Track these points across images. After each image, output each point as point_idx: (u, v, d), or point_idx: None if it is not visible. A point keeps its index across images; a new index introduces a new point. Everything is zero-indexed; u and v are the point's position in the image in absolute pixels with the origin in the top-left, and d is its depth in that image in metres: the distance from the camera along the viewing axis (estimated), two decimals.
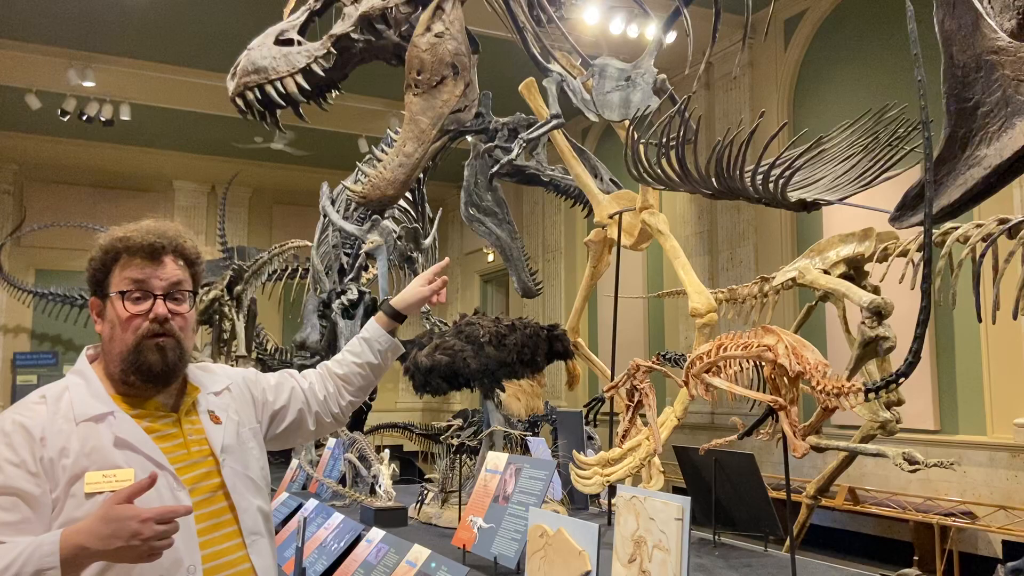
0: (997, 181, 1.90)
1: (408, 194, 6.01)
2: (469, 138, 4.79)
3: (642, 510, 2.16)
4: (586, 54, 3.79)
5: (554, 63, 3.72)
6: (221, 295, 7.64)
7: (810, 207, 2.80)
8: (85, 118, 11.81)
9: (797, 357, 2.31)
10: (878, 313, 3.34)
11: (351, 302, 5.92)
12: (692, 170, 2.83)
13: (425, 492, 4.02)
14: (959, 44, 1.90)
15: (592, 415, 5.35)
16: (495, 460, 3.15)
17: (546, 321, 4.11)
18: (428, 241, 5.71)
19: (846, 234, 3.95)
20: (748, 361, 2.54)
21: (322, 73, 3.56)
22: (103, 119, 11.92)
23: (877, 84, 8.00)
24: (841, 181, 2.80)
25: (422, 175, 5.31)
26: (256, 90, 3.51)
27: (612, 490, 3.41)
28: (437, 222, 5.90)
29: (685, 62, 3.61)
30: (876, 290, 3.74)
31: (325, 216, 6.07)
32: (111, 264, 1.73)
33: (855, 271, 3.88)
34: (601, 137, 11.93)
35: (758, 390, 2.61)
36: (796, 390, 2.38)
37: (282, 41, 3.60)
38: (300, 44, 3.60)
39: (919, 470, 3.50)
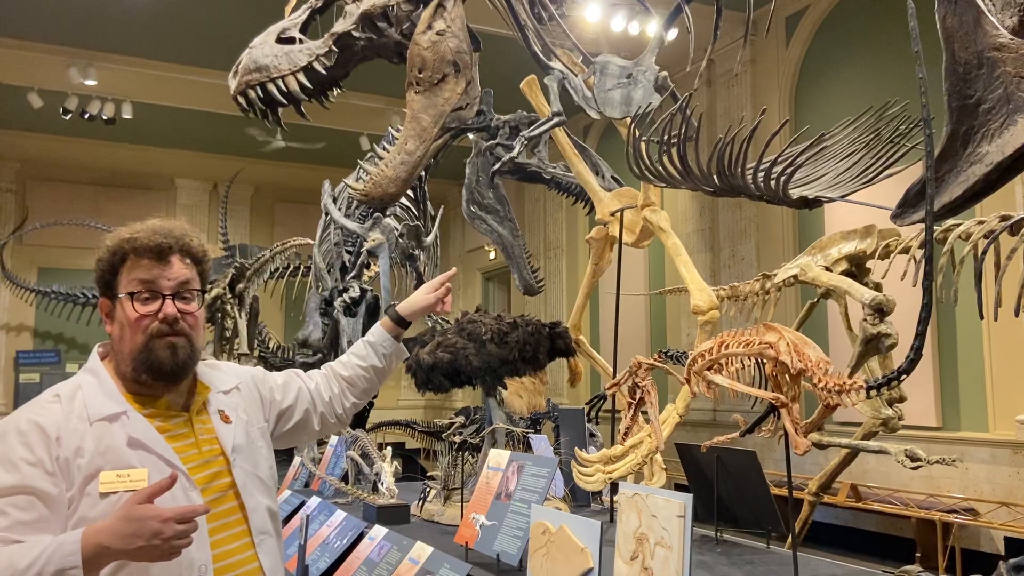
0: (999, 178, 1.90)
1: (410, 192, 6.01)
2: (471, 136, 4.79)
3: (644, 507, 2.16)
4: (587, 51, 3.79)
5: (555, 61, 3.71)
6: (223, 293, 7.66)
7: (812, 204, 2.80)
8: (87, 116, 11.81)
9: (799, 354, 2.31)
10: (880, 310, 3.34)
11: (353, 300, 5.93)
12: (694, 167, 2.83)
13: (427, 489, 4.03)
14: (961, 41, 1.90)
15: (594, 412, 5.36)
16: (497, 457, 3.15)
17: (548, 318, 4.12)
18: (430, 239, 5.72)
19: (848, 231, 3.95)
20: (750, 358, 2.54)
21: (324, 71, 3.56)
22: (105, 117, 11.93)
23: (878, 81, 7.99)
24: (843, 178, 2.80)
25: (424, 173, 5.32)
26: (258, 88, 3.51)
27: (614, 487, 3.41)
28: (439, 220, 5.90)
29: (686, 59, 3.61)
30: (878, 287, 3.73)
31: (327, 214, 6.07)
32: (119, 265, 1.74)
33: (857, 268, 3.87)
34: (602, 134, 11.93)
35: (760, 387, 2.61)
36: (798, 387, 2.38)
37: (284, 39, 3.60)
38: (302, 42, 3.60)
39: (921, 467, 3.50)
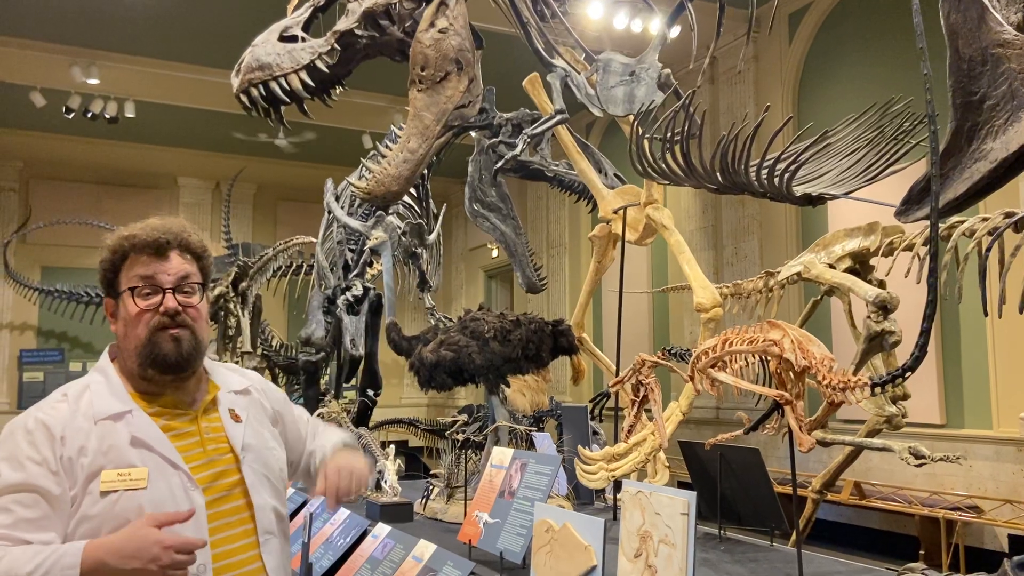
0: (1003, 175, 1.90)
1: (412, 190, 6.02)
2: (473, 134, 4.79)
3: (648, 505, 2.16)
4: (590, 49, 3.78)
5: (558, 58, 3.71)
6: (226, 291, 7.66)
7: (815, 201, 2.79)
8: (90, 115, 11.83)
9: (803, 351, 2.30)
10: (884, 307, 3.33)
11: (356, 298, 5.93)
12: (697, 165, 2.83)
13: (431, 487, 4.03)
14: (965, 37, 1.90)
15: (597, 410, 5.35)
16: (500, 455, 3.15)
17: (551, 316, 4.11)
18: (432, 237, 5.72)
19: (851, 228, 3.94)
20: (754, 356, 2.54)
21: (326, 69, 3.55)
22: (107, 116, 11.94)
23: (882, 78, 7.97)
24: (846, 175, 2.80)
25: (426, 171, 5.32)
26: (260, 87, 3.51)
27: (617, 485, 3.41)
28: (441, 218, 5.90)
29: (689, 57, 3.60)
30: (882, 284, 3.73)
31: (329, 212, 6.07)
32: (119, 263, 1.76)
33: (860, 265, 3.86)
34: (605, 132, 11.92)
35: (764, 385, 2.61)
36: (802, 385, 2.38)
37: (286, 38, 3.60)
38: (304, 40, 3.60)
39: (925, 464, 3.49)
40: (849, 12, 8.69)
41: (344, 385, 6.64)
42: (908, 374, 2.12)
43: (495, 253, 15.18)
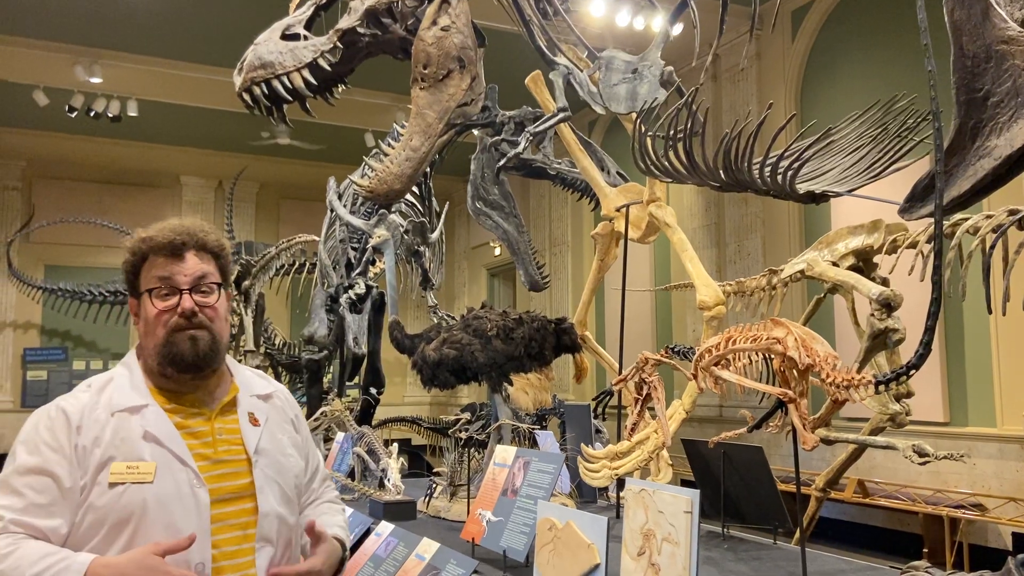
0: (1007, 172, 1.89)
1: (415, 188, 6.02)
2: (476, 132, 4.79)
3: (651, 503, 2.16)
4: (592, 47, 3.78)
5: (560, 56, 3.70)
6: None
7: (819, 199, 2.78)
8: (92, 114, 11.84)
9: (807, 350, 2.30)
10: (887, 305, 3.33)
11: (359, 296, 5.93)
12: (699, 162, 2.82)
13: (434, 486, 4.03)
14: (969, 34, 1.89)
15: (600, 408, 5.36)
16: (503, 454, 3.15)
17: (553, 315, 4.11)
18: (435, 235, 5.72)
19: (855, 226, 3.93)
20: (757, 354, 2.54)
21: (328, 68, 3.55)
22: (110, 115, 11.96)
23: (886, 75, 7.95)
24: (850, 173, 2.79)
25: (429, 169, 5.32)
26: (263, 85, 3.51)
27: (621, 483, 3.41)
28: (444, 216, 5.90)
29: (692, 54, 3.60)
30: (885, 282, 3.72)
31: (332, 211, 6.08)
32: (139, 265, 1.79)
33: (864, 263, 3.86)
34: (608, 130, 11.90)
35: (767, 383, 2.61)
36: (805, 383, 2.37)
37: (288, 36, 3.60)
38: (306, 39, 3.60)
39: (929, 462, 3.48)
40: (852, 9, 8.67)
41: (347, 383, 6.65)
42: (912, 372, 2.12)
43: (498, 251, 15.18)
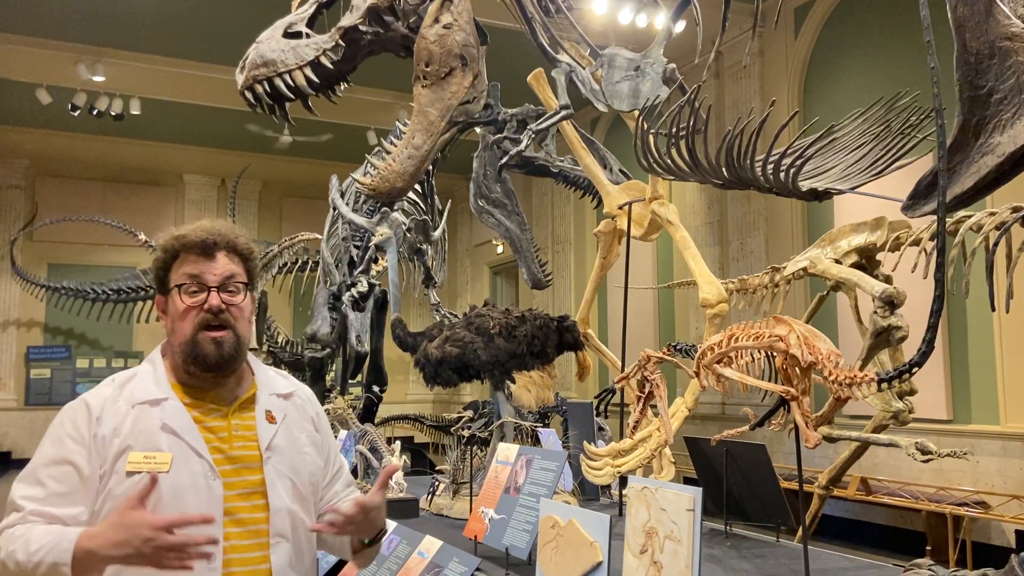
0: (1011, 169, 1.89)
1: (417, 186, 6.01)
2: (478, 129, 4.78)
3: (653, 501, 2.16)
4: (595, 44, 3.77)
5: (563, 53, 3.70)
6: None
7: (821, 196, 2.78)
8: (95, 113, 11.86)
9: (809, 347, 2.30)
10: (890, 302, 3.32)
11: (361, 294, 5.94)
12: (702, 160, 2.82)
13: (436, 483, 4.03)
14: (972, 30, 1.89)
15: (603, 406, 5.35)
16: (506, 451, 3.15)
17: (556, 312, 4.11)
18: (437, 233, 5.72)
19: (858, 223, 3.92)
20: (760, 351, 2.53)
21: (331, 66, 3.55)
22: (113, 114, 11.97)
23: (889, 72, 7.94)
24: (853, 170, 2.78)
25: (431, 167, 5.32)
26: (265, 83, 3.51)
27: (623, 481, 3.41)
28: (446, 214, 5.90)
29: (695, 51, 3.59)
30: (888, 279, 3.71)
31: (335, 209, 6.08)
32: (171, 262, 1.84)
33: (867, 260, 3.85)
34: (610, 127, 11.90)
35: (770, 381, 2.60)
36: (808, 380, 2.37)
37: (291, 34, 3.60)
38: (308, 37, 3.60)
39: (932, 460, 3.48)
40: (855, 6, 8.65)
41: (350, 381, 6.65)
42: (915, 369, 2.12)
43: (500, 249, 15.18)
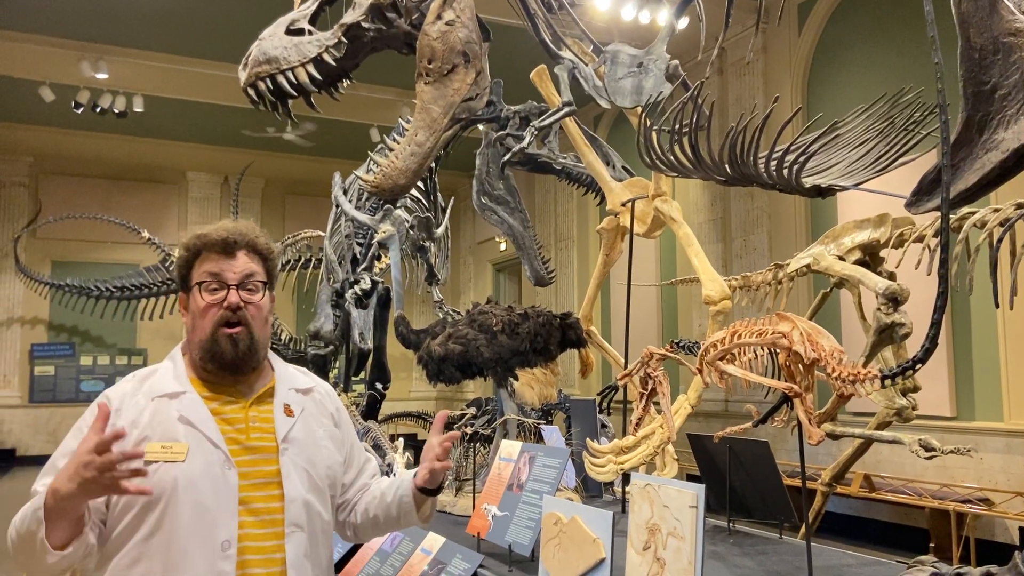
0: (1014, 165, 1.88)
1: (420, 183, 6.01)
2: (481, 126, 4.78)
3: (656, 498, 2.16)
4: (598, 40, 3.77)
5: (565, 50, 3.70)
6: None
7: (825, 193, 2.78)
8: (98, 110, 11.87)
9: (812, 344, 2.29)
10: (894, 299, 3.31)
11: (364, 292, 5.94)
12: (705, 156, 2.81)
13: None
14: (976, 26, 1.88)
15: (606, 403, 5.35)
16: (509, 448, 3.15)
17: (559, 309, 4.11)
18: (440, 230, 5.72)
19: (861, 220, 3.91)
20: (763, 348, 2.53)
21: (333, 62, 3.55)
22: (116, 111, 11.98)
23: (892, 68, 7.92)
24: (856, 166, 2.78)
25: (434, 164, 5.31)
26: (268, 80, 3.51)
27: (626, 478, 3.41)
28: (449, 211, 5.90)
29: (698, 48, 3.58)
30: (892, 276, 3.70)
31: (338, 206, 6.08)
32: (193, 260, 1.89)
33: (870, 257, 3.84)
34: (613, 124, 11.88)
35: (773, 377, 2.60)
36: (811, 377, 2.37)
37: (293, 31, 3.60)
38: (311, 33, 3.60)
39: (935, 457, 3.47)
40: (858, 2, 8.62)
41: (353, 379, 6.65)
42: (919, 366, 2.11)
43: (503, 246, 15.17)
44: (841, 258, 3.84)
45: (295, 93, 3.55)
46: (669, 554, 2.08)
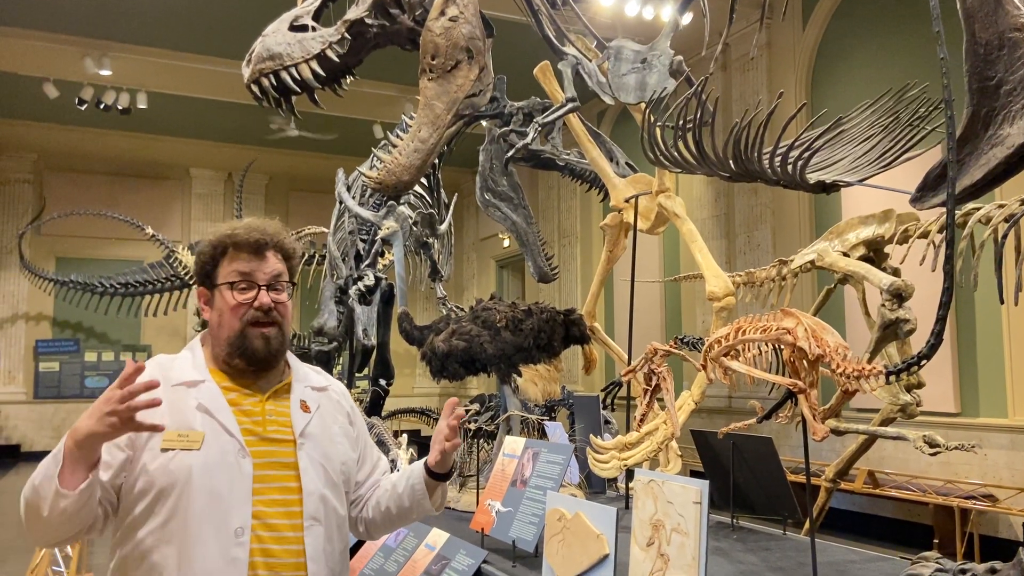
0: (1020, 161, 1.88)
1: (423, 180, 6.00)
2: (484, 123, 4.77)
3: (660, 494, 2.16)
4: (601, 36, 3.76)
5: (569, 46, 3.69)
6: None
7: (829, 189, 2.77)
8: (102, 107, 11.89)
9: (817, 340, 2.29)
10: (898, 295, 3.31)
11: (368, 288, 5.94)
12: (709, 152, 2.81)
13: None
14: (981, 21, 1.87)
15: (609, 399, 5.35)
16: (512, 445, 3.15)
17: (562, 306, 4.11)
18: (444, 227, 5.71)
19: (866, 216, 3.90)
20: (767, 344, 2.53)
21: (336, 59, 3.55)
22: (120, 108, 12.00)
23: (897, 63, 7.89)
24: (861, 162, 2.77)
25: (437, 160, 5.31)
26: (271, 76, 3.51)
27: (630, 474, 3.41)
28: (453, 207, 5.89)
29: (702, 43, 3.57)
30: (896, 272, 3.70)
31: (341, 202, 6.07)
32: (219, 258, 1.91)
33: (875, 253, 3.83)
34: (617, 120, 11.87)
35: (777, 374, 2.60)
36: (816, 373, 2.36)
37: (296, 27, 3.59)
38: (314, 30, 3.59)
39: (939, 453, 3.47)
40: None
41: (356, 375, 6.65)
42: (924, 362, 2.11)
43: (506, 243, 15.17)
44: (845, 254, 3.83)
45: (299, 89, 3.54)
46: (673, 550, 2.08)
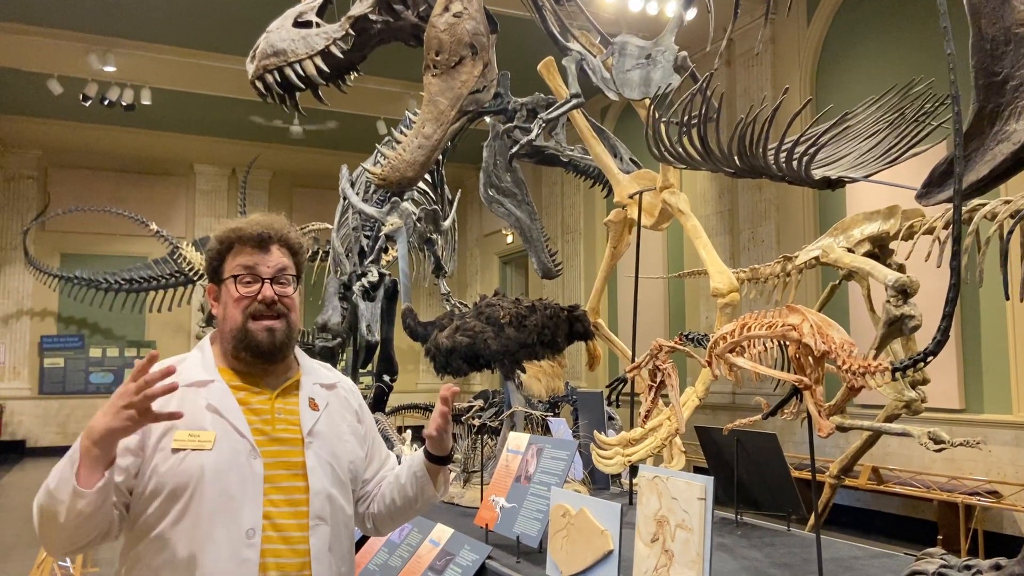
0: None
1: (427, 176, 6.01)
2: (488, 119, 4.77)
3: (664, 490, 2.16)
4: (605, 32, 3.75)
5: (573, 42, 3.68)
6: None
7: (834, 185, 2.76)
8: (107, 103, 11.90)
9: (822, 336, 2.29)
10: (903, 291, 3.30)
11: (372, 284, 5.94)
12: (714, 148, 2.80)
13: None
14: (988, 17, 1.86)
15: (613, 395, 5.35)
16: (516, 441, 3.16)
17: (566, 302, 4.11)
18: (447, 223, 5.72)
19: (871, 212, 3.90)
20: (772, 341, 2.53)
21: (341, 55, 3.55)
22: (124, 104, 12.01)
23: (902, 59, 7.87)
24: (866, 158, 2.76)
25: (441, 157, 5.30)
26: (275, 73, 3.51)
27: (634, 470, 3.41)
28: (456, 203, 5.90)
29: (706, 39, 3.56)
30: (901, 268, 3.69)
31: (345, 199, 6.08)
32: (225, 253, 1.92)
33: (880, 249, 3.83)
34: (621, 116, 11.85)
35: (782, 370, 2.59)
36: (821, 369, 2.36)
37: (301, 23, 3.59)
38: (318, 26, 3.59)
39: (944, 449, 3.47)
40: None
41: (360, 371, 6.67)
42: (930, 359, 2.10)
43: (510, 239, 15.17)
44: (850, 250, 3.82)
45: (303, 86, 3.54)
46: (677, 546, 2.08)
